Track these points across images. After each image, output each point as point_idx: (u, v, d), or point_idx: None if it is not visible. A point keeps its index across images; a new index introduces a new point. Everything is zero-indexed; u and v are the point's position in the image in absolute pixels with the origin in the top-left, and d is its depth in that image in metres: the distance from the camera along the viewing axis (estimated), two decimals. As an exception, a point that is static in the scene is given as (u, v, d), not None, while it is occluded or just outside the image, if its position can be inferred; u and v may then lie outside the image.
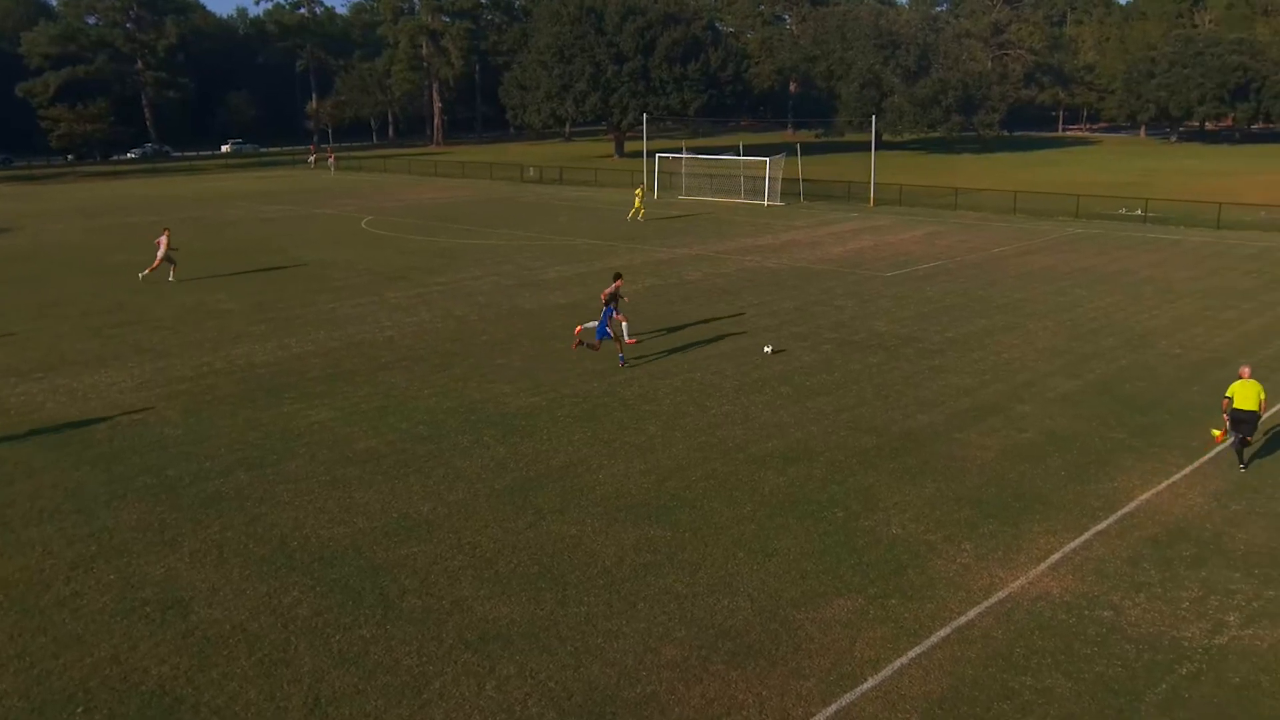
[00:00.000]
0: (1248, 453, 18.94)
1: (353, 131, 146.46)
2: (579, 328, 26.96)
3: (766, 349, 26.86)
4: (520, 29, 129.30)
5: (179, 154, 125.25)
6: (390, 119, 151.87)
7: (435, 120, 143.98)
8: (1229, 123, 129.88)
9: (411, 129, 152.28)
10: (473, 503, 17.25)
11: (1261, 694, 11.91)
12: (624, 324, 26.61)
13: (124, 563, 15.19)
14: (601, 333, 25.01)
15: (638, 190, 57.34)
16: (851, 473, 18.54)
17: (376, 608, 13.85)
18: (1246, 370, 19.06)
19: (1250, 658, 12.61)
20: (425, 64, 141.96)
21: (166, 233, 38.48)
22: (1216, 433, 19.25)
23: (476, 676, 12.31)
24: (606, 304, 25.31)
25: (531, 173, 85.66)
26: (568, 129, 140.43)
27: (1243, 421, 18.53)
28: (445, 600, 14.02)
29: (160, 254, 37.77)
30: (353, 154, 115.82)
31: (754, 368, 25.35)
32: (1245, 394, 18.51)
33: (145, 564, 15.15)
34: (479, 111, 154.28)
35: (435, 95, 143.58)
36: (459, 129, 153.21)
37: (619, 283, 26.28)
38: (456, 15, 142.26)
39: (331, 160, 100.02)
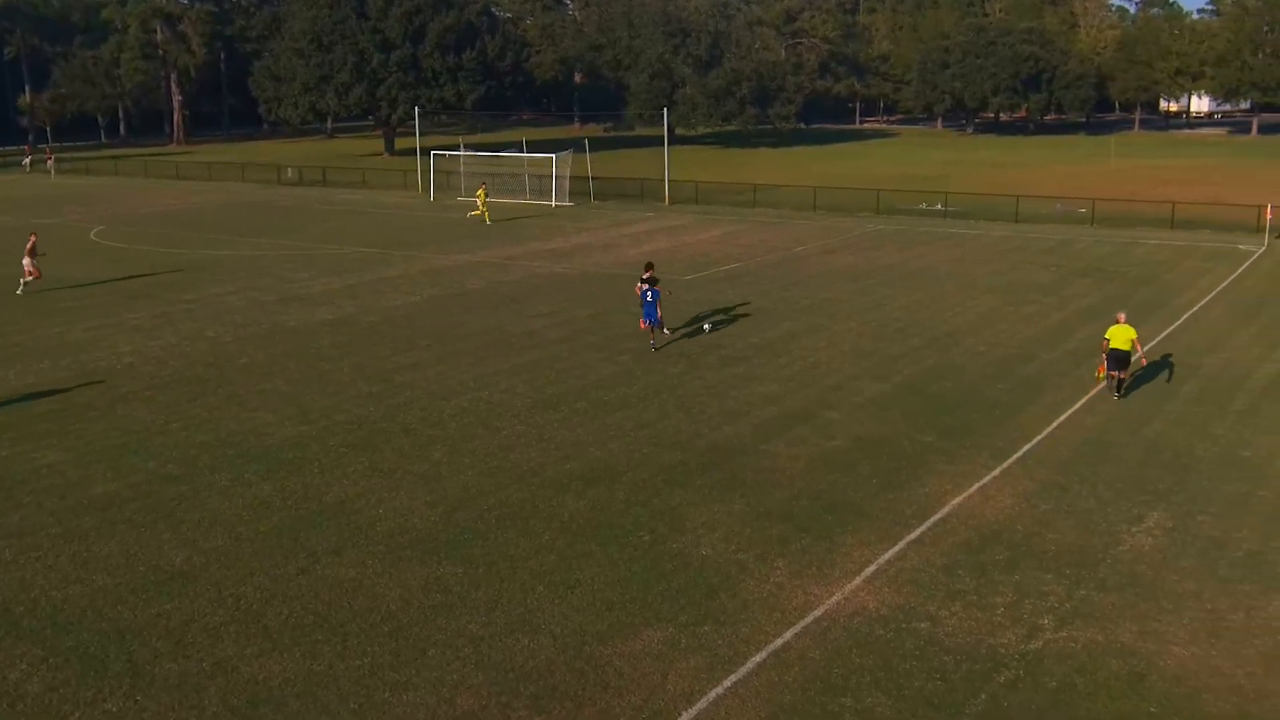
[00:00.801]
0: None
1: (76, 129, 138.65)
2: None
3: (706, 327, 29.23)
4: (271, 13, 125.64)
5: None
6: (121, 114, 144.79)
7: (175, 116, 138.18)
8: (1023, 114, 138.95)
9: (147, 126, 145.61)
10: (234, 549, 16.65)
11: (1078, 696, 12.73)
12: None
13: None
14: (649, 316, 28.07)
15: (480, 191, 56.92)
16: (656, 492, 18.82)
17: (124, 676, 13.16)
18: (1122, 316, 23.94)
19: (1065, 660, 13.47)
20: (161, 52, 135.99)
21: (34, 238, 38.26)
22: (1098, 375, 24.34)
23: (246, 746, 11.84)
24: (648, 288, 28.11)
25: (290, 174, 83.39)
26: (330, 125, 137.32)
27: (1118, 360, 23.49)
28: (205, 662, 13.46)
29: (28, 262, 37.46)
30: (77, 155, 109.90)
31: (547, 383, 25.42)
32: (1120, 336, 23.39)
33: None
34: (226, 106, 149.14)
35: (174, 87, 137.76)
36: (203, 125, 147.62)
37: (650, 272, 29.00)
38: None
39: (50, 162, 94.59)
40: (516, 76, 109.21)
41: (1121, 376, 23.71)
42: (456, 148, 72.91)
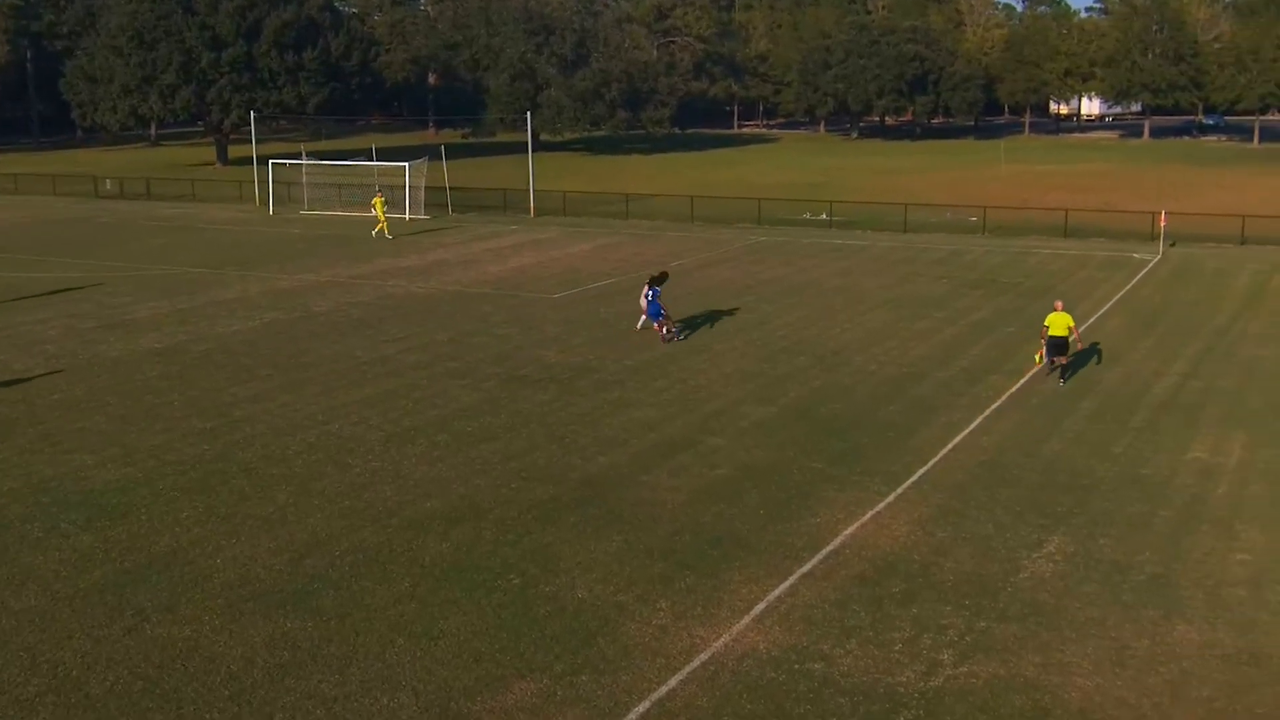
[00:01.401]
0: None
1: None
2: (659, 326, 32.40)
3: (682, 334, 32.65)
4: (85, 7, 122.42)
5: None
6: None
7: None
8: (909, 117, 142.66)
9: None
10: (50, 609, 16.10)
11: (980, 735, 13.04)
12: (644, 316, 32.75)
13: None
14: (654, 313, 31.89)
15: (376, 200, 55.93)
16: (527, 531, 18.75)
17: (-79, 759, 12.61)
18: (1060, 304, 27.57)
19: (966, 697, 13.77)
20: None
21: None
22: (1038, 358, 27.38)
23: (66, 832, 11.44)
24: (651, 287, 31.87)
25: (110, 186, 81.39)
26: (154, 131, 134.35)
27: (1056, 346, 26.64)
28: (18, 739, 12.98)
29: None
30: None
31: (404, 415, 25.18)
32: (1058, 324, 26.54)
33: None
34: (34, 110, 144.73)
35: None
36: (7, 132, 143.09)
37: (659, 275, 32.84)
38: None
39: None
40: (364, 78, 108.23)
41: (1061, 362, 26.85)
42: (298, 156, 71.93)
